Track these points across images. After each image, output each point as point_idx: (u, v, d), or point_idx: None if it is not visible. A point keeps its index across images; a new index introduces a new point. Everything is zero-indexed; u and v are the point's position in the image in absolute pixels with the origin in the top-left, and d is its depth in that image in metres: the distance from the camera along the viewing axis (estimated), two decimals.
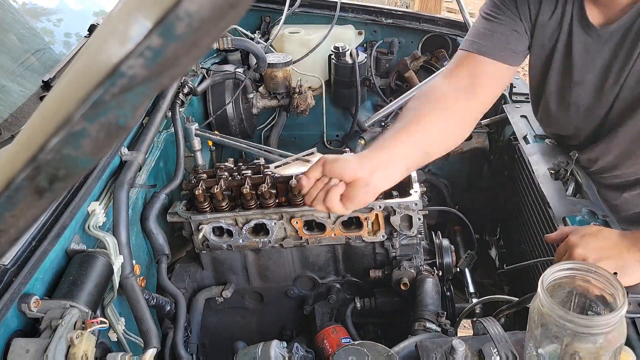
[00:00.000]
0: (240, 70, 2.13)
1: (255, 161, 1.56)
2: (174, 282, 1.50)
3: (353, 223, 1.48)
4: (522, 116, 1.81)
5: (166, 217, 1.48)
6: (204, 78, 2.00)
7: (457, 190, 2.19)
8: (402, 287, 1.43)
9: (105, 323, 1.07)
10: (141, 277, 1.34)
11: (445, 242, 1.58)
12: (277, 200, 1.45)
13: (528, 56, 1.42)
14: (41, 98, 1.55)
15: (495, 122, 2.05)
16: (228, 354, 1.30)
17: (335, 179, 1.11)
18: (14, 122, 1.44)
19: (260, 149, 1.80)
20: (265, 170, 1.48)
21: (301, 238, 1.47)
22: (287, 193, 1.44)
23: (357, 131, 2.38)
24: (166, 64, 0.35)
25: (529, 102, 1.90)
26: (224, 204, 1.43)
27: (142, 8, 0.34)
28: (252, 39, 2.33)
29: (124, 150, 1.38)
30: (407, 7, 5.61)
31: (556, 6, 1.30)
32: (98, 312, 1.13)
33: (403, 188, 1.51)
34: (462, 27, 2.39)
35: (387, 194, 1.46)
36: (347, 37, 2.43)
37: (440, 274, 1.51)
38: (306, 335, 1.58)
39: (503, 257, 1.95)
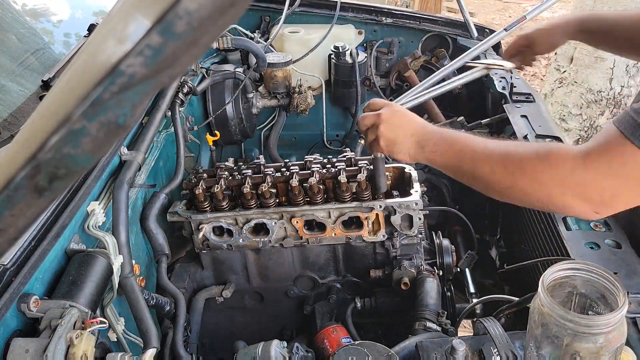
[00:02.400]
0: (240, 69, 2.12)
1: (255, 160, 1.56)
2: (174, 282, 1.49)
3: (353, 223, 1.47)
4: (522, 116, 1.80)
5: (166, 217, 1.48)
6: (203, 77, 2.00)
7: (457, 190, 2.19)
8: (403, 286, 1.43)
9: (104, 323, 1.07)
10: (141, 277, 1.34)
11: (446, 242, 1.58)
12: (277, 200, 1.44)
13: None
14: (41, 97, 1.55)
15: (495, 121, 2.04)
16: (228, 353, 1.30)
17: None
18: (13, 122, 1.44)
19: None
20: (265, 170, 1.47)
21: (301, 238, 1.47)
22: (288, 193, 1.43)
23: (357, 131, 2.37)
24: (166, 63, 0.35)
25: (529, 102, 1.90)
26: (224, 203, 1.43)
27: (142, 7, 0.34)
28: (251, 38, 2.33)
29: (124, 149, 1.38)
30: (407, 7, 5.61)
31: None
32: (98, 312, 1.12)
33: (403, 188, 1.51)
34: (462, 26, 2.39)
35: (387, 194, 1.46)
36: (347, 36, 2.43)
37: (441, 273, 1.51)
38: (306, 335, 1.58)
39: (503, 257, 1.95)
